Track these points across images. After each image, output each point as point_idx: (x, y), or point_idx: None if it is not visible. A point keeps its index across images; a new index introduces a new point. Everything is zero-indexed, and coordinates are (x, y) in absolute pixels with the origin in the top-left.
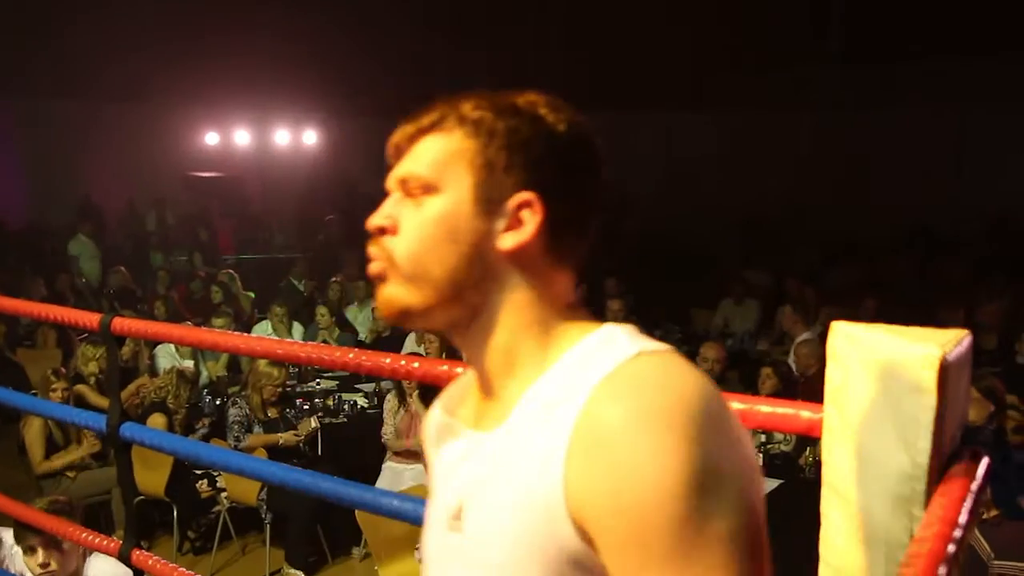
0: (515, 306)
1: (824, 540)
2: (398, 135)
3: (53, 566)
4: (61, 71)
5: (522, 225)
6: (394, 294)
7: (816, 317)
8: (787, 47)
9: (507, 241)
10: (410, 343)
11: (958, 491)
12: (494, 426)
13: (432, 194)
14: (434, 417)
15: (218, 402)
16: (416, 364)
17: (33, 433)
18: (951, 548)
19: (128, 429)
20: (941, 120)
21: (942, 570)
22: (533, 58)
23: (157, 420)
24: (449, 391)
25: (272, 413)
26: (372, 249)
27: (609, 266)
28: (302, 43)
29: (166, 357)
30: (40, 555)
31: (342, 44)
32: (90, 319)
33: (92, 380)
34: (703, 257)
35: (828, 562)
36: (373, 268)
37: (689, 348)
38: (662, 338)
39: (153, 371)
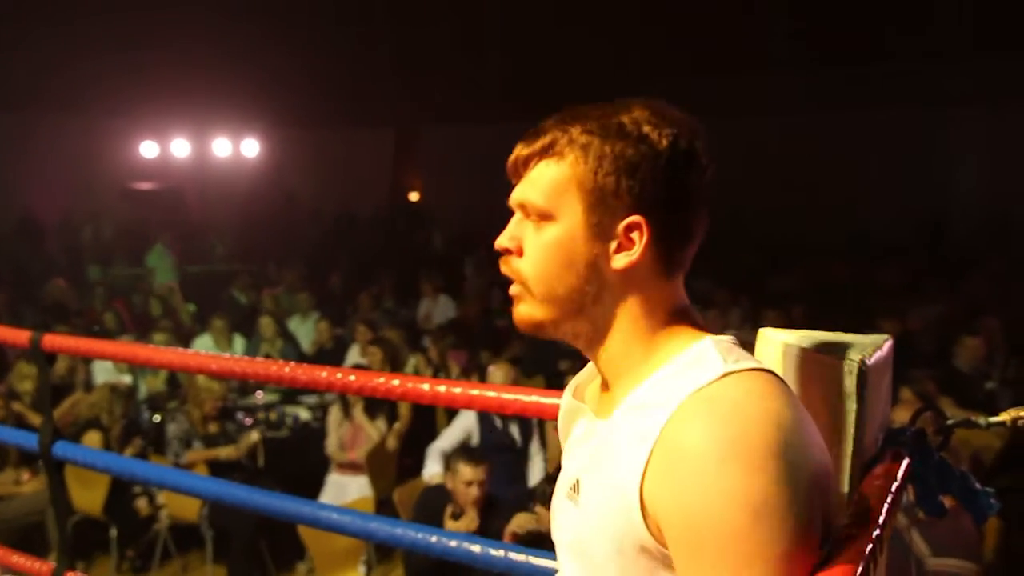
0: (628, 319)
1: None
2: (514, 156)
3: None
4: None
5: (632, 245)
6: (527, 311)
7: (751, 323)
8: (732, 53)
9: (619, 262)
10: (353, 355)
11: (878, 492)
12: (606, 416)
13: (548, 221)
14: (565, 400)
15: (157, 417)
16: (352, 377)
17: None
18: (870, 547)
19: (61, 448)
20: (880, 125)
21: (860, 568)
22: (476, 69)
23: (92, 438)
24: (579, 377)
25: (212, 428)
26: (504, 269)
27: None
28: (240, 53)
29: (103, 372)
30: None
31: (281, 54)
32: (20, 336)
33: (27, 398)
34: None
35: None
36: (512, 290)
37: None
38: None
39: (90, 387)
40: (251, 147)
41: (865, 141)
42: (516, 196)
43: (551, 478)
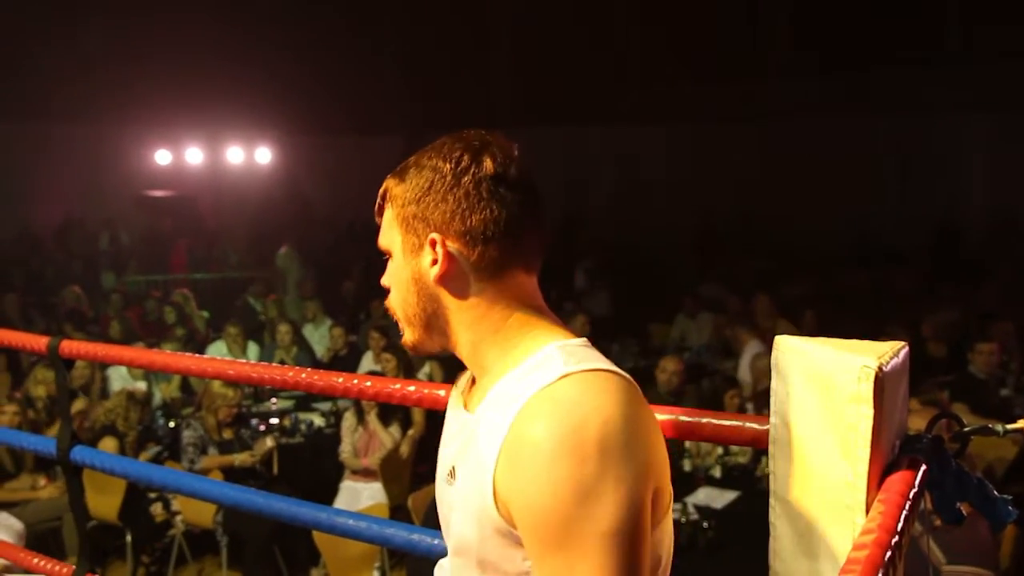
0: (469, 323)
1: (772, 550)
2: (376, 208)
3: None
4: (10, 92)
5: (437, 259)
6: (405, 338)
7: (767, 330)
8: (734, 59)
9: (432, 274)
10: (367, 362)
11: (896, 499)
12: (473, 410)
13: (390, 257)
14: (452, 392)
15: (172, 424)
16: (368, 383)
17: None
18: (889, 554)
19: (79, 453)
20: (887, 131)
21: (880, 574)
22: (482, 77)
23: (107, 443)
24: (465, 374)
25: (227, 434)
26: (385, 305)
27: (565, 282)
28: (253, 62)
29: (118, 379)
30: None
31: (293, 63)
32: (38, 342)
33: (40, 404)
34: (658, 271)
35: (776, 571)
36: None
37: (647, 363)
38: (619, 354)
39: (105, 394)
40: (264, 155)
41: (875, 147)
42: (379, 242)
43: None
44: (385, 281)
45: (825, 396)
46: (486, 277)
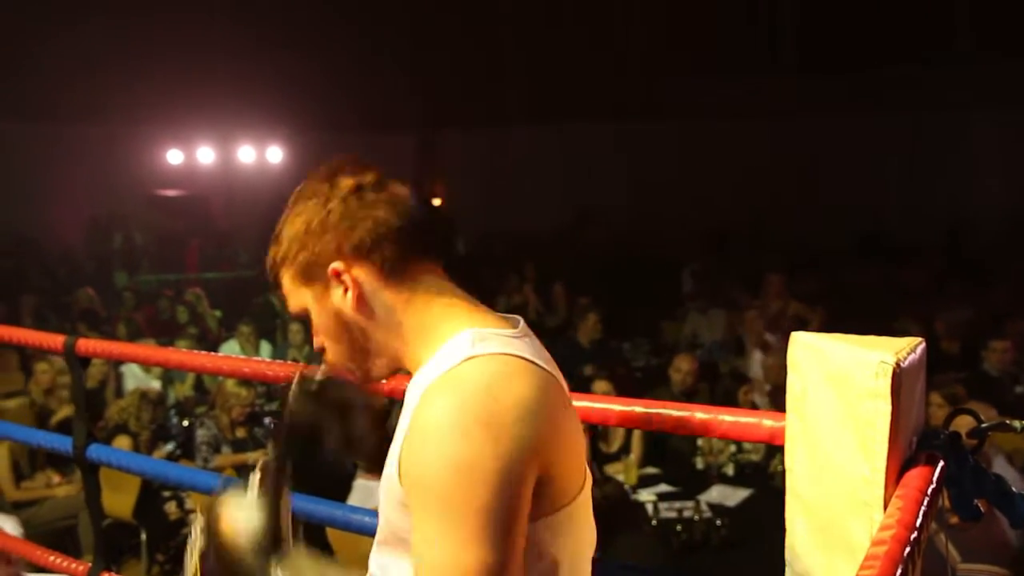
0: (397, 332)
1: (789, 546)
2: (270, 278)
3: None
4: (21, 93)
5: (345, 285)
6: (361, 378)
7: (780, 326)
8: (743, 56)
9: (350, 303)
10: None
11: (915, 494)
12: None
13: (308, 314)
14: None
15: (185, 423)
16: (383, 380)
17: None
18: (908, 549)
19: (95, 450)
20: (895, 128)
21: (900, 571)
22: (492, 74)
23: (121, 442)
24: None
25: (240, 433)
26: (329, 363)
27: (575, 279)
28: (264, 61)
29: (132, 378)
30: None
31: (304, 62)
32: (54, 341)
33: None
34: (669, 268)
35: (793, 568)
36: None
37: (660, 360)
38: (631, 352)
39: (119, 393)
40: (275, 154)
41: (885, 144)
42: (291, 310)
43: None
44: (317, 342)
45: (842, 392)
46: (394, 280)
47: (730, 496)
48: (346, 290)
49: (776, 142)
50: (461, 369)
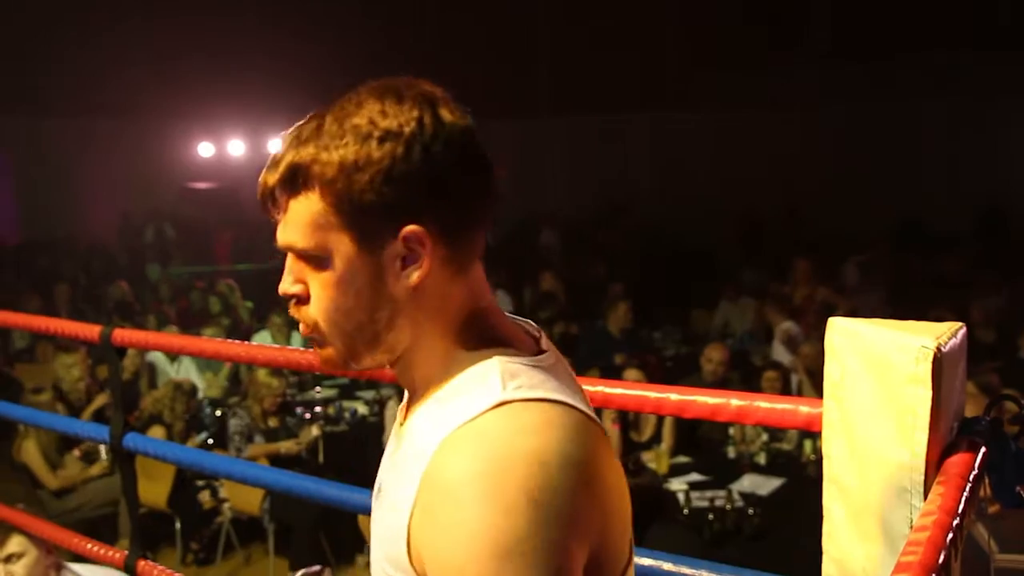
0: (426, 335)
1: (827, 533)
2: (262, 189)
3: (30, 558)
4: (54, 88)
5: (418, 255)
6: (327, 354)
7: (810, 315)
8: (776, 44)
9: (410, 278)
10: None
11: (956, 481)
12: (401, 427)
13: (322, 261)
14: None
15: (218, 413)
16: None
17: (32, 455)
18: (951, 536)
19: (132, 439)
20: (929, 116)
21: (942, 557)
22: (521, 66)
23: (156, 432)
24: None
25: (273, 423)
26: (294, 315)
27: (608, 268)
28: (292, 55)
29: (167, 370)
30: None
31: (331, 55)
32: (90, 331)
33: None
34: (700, 257)
35: (831, 555)
36: (303, 332)
37: (690, 349)
38: (661, 340)
39: (153, 384)
40: None
41: (921, 131)
42: (281, 240)
43: None
44: (293, 289)
45: (882, 378)
46: (456, 272)
47: (762, 485)
48: (405, 259)
49: (810, 131)
50: (493, 421)
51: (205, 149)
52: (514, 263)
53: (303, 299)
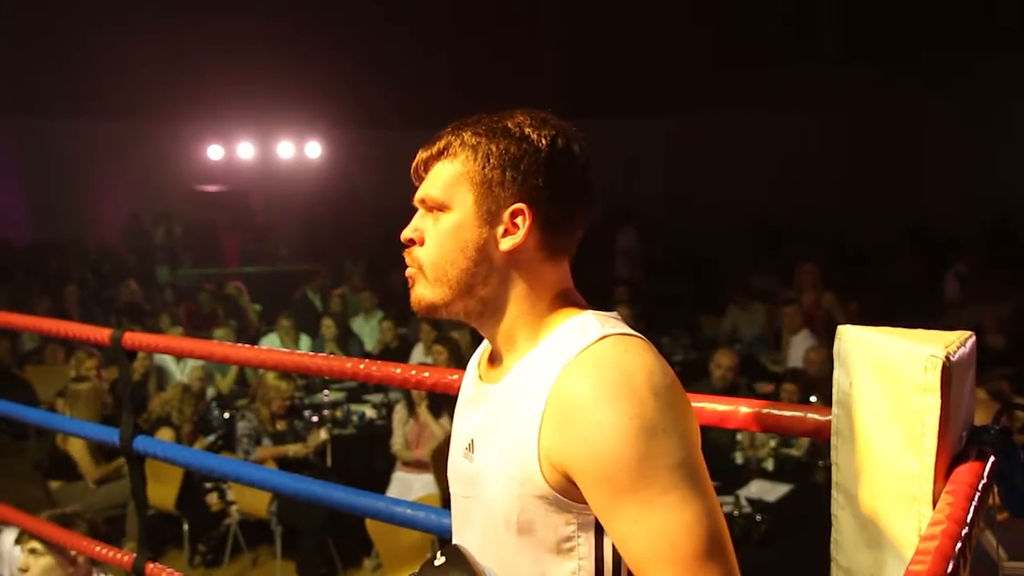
0: (516, 297)
1: (834, 541)
2: (417, 160)
3: (44, 561)
4: (63, 89)
5: (517, 230)
6: (422, 293)
7: (821, 322)
8: (783, 47)
9: (505, 244)
10: (417, 354)
11: (965, 490)
12: (499, 381)
13: (445, 211)
14: (468, 367)
15: (226, 415)
16: (427, 374)
17: (77, 446)
18: (959, 545)
19: (141, 442)
20: (939, 118)
21: (951, 567)
22: (531, 67)
23: (164, 434)
24: (478, 350)
25: (281, 426)
26: (406, 257)
27: (615, 271)
28: (302, 57)
29: (175, 372)
30: (46, 558)
31: (342, 57)
32: (100, 334)
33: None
34: (709, 262)
35: (838, 563)
36: (408, 273)
37: (699, 355)
38: (670, 346)
39: (161, 387)
40: (314, 149)
41: (930, 133)
42: (419, 193)
43: None
44: (411, 234)
45: (890, 386)
46: (546, 258)
47: (770, 491)
48: (507, 232)
49: (819, 133)
50: (603, 347)
51: (214, 152)
52: None
53: (418, 243)
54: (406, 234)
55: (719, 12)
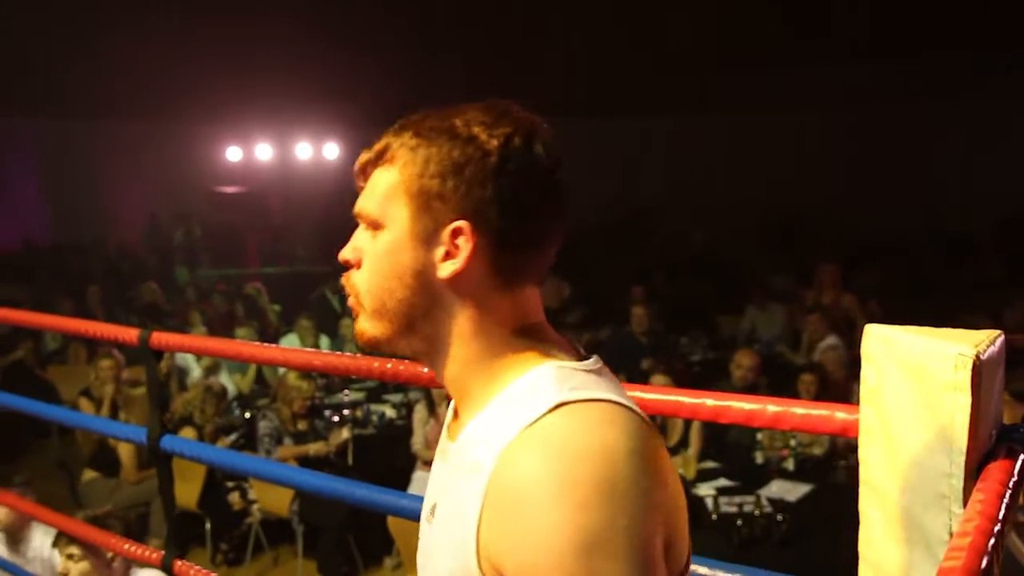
0: (462, 336)
1: (863, 538)
2: (357, 165)
3: (83, 566)
4: (83, 92)
5: (458, 252)
6: (363, 327)
7: (841, 322)
8: (789, 46)
9: (445, 270)
10: None
11: (996, 487)
12: (454, 440)
13: (379, 230)
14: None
15: (248, 415)
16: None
17: (125, 446)
18: (993, 541)
19: (168, 441)
20: (952, 117)
21: (985, 562)
22: (540, 67)
23: (186, 434)
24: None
25: (302, 425)
26: (343, 282)
27: (632, 272)
28: (320, 59)
29: (197, 372)
30: (84, 563)
31: (359, 58)
32: (128, 334)
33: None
34: (726, 262)
35: (867, 560)
36: (349, 302)
37: (717, 355)
38: (688, 346)
39: (183, 386)
40: (332, 150)
41: (945, 133)
42: (356, 207)
43: None
44: (349, 255)
45: (920, 385)
46: (501, 287)
47: (790, 491)
48: (449, 255)
49: (834, 133)
50: (553, 421)
51: (233, 153)
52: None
53: (355, 266)
54: (343, 255)
55: (727, 11)
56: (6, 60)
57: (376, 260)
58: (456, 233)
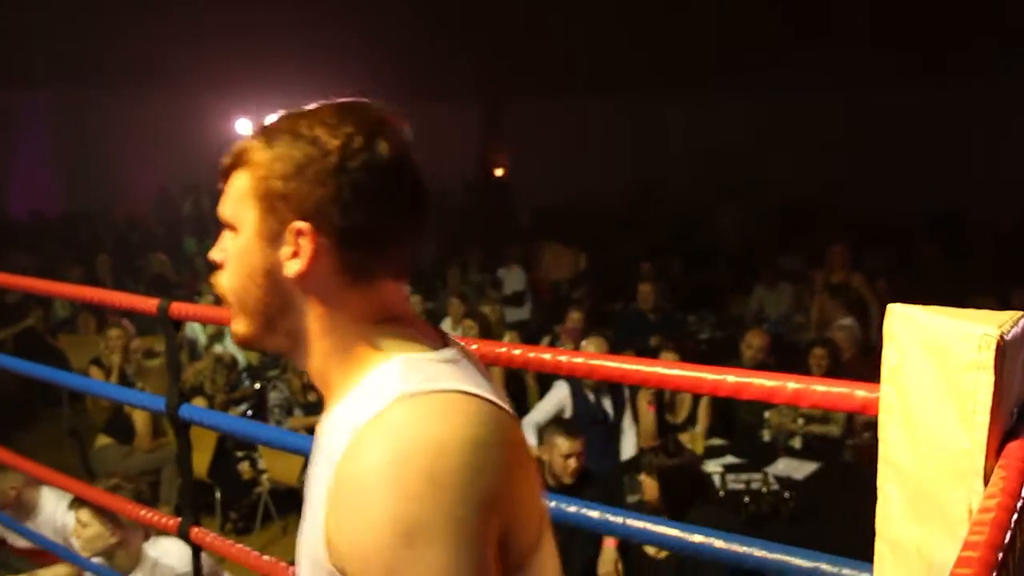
0: (317, 332)
1: (881, 515)
2: (219, 169)
3: (91, 531)
4: (93, 61)
5: (298, 252)
6: (235, 326)
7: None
8: (813, 28)
9: (290, 269)
10: (445, 329)
11: (1018, 464)
12: (318, 432)
13: (234, 232)
14: None
15: (258, 386)
16: (475, 346)
17: (140, 415)
18: (1015, 517)
19: (187, 410)
20: (971, 101)
21: (1008, 537)
22: (555, 45)
23: (198, 404)
24: None
25: (312, 396)
26: (212, 282)
27: (640, 252)
28: (328, 31)
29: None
30: (93, 527)
31: (368, 31)
32: (147, 304)
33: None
34: (736, 242)
35: (885, 536)
36: (224, 304)
37: (725, 334)
38: (696, 325)
39: (193, 356)
40: None
41: (958, 118)
42: (218, 209)
43: (644, 452)
44: (216, 256)
45: (943, 364)
46: (351, 283)
47: (797, 469)
48: (295, 255)
49: (847, 117)
50: (393, 413)
51: (242, 126)
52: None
53: (221, 267)
54: (211, 255)
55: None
56: (16, 30)
57: (234, 261)
58: (299, 233)
